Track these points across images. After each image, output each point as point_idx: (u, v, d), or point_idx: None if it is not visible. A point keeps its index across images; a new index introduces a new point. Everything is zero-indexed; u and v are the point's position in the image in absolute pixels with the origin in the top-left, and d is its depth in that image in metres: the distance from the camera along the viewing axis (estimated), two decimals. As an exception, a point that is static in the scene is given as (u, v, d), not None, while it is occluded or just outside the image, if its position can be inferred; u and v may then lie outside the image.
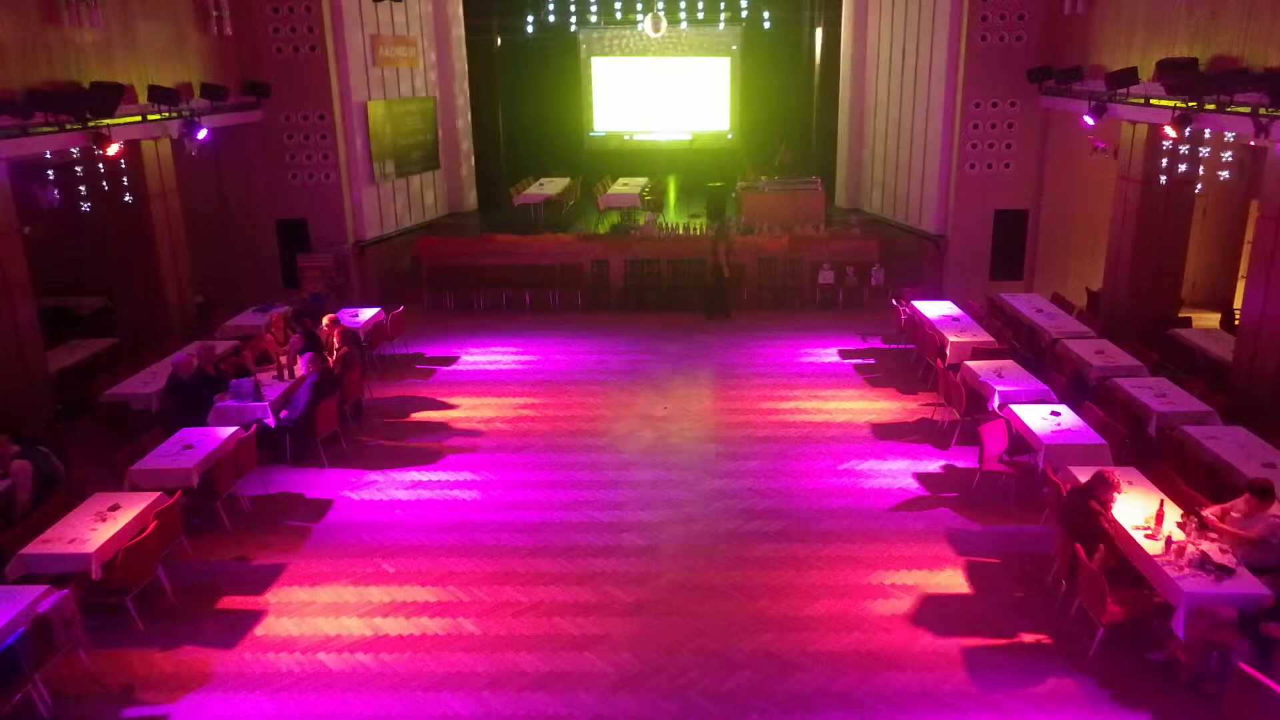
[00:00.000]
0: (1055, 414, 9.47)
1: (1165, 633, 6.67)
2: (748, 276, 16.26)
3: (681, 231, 16.74)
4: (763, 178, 19.29)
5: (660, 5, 19.62)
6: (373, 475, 10.08)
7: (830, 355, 13.80)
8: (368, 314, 13.60)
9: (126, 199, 12.10)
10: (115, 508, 7.84)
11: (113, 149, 11.05)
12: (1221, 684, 6.17)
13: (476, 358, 13.91)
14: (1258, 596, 6.41)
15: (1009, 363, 11.13)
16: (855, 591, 7.81)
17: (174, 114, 12.75)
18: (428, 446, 10.80)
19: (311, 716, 6.46)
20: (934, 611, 7.51)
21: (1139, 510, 7.47)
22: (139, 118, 12.13)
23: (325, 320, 12.17)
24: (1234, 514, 7.20)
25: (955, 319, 13.01)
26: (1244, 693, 5.61)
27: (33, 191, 12.31)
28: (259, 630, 7.40)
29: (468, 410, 11.87)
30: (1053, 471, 8.47)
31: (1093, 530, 7.13)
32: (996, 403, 10.17)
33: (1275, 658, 6.00)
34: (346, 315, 13.59)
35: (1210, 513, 7.23)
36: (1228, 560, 6.77)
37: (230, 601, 7.80)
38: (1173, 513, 7.39)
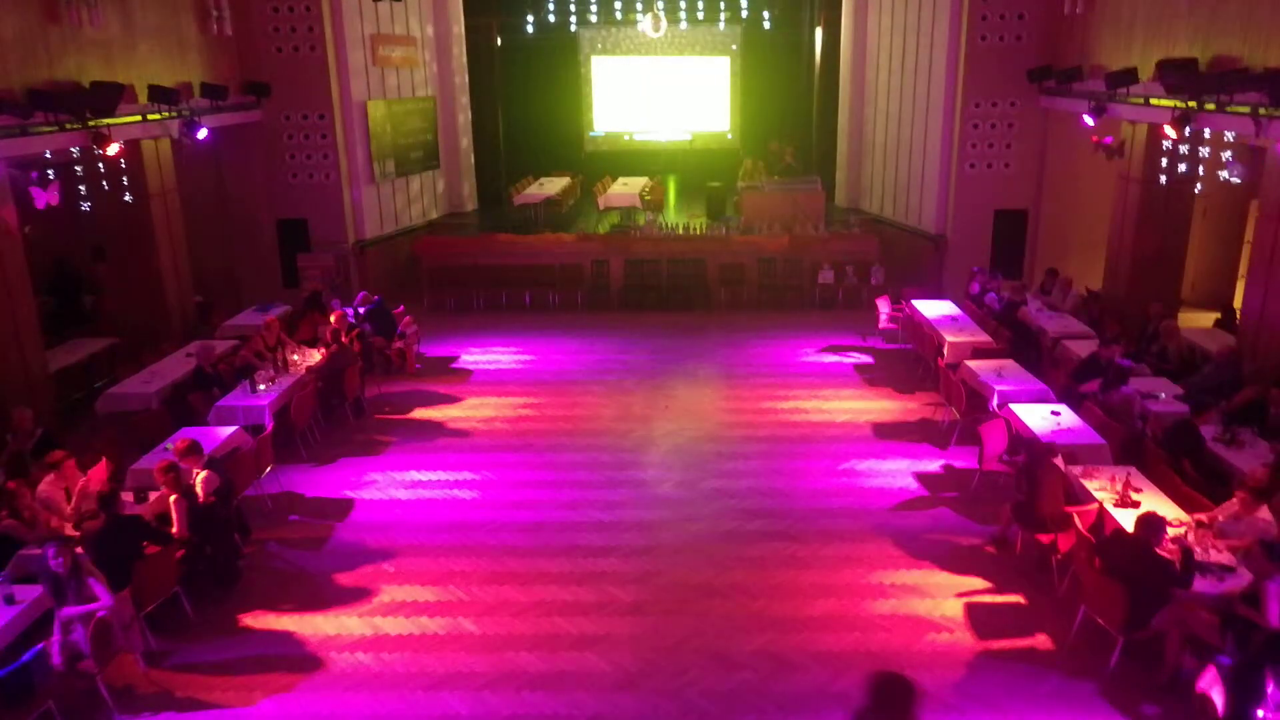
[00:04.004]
0: (1055, 413, 9.49)
1: (1161, 642, 6.63)
2: (748, 276, 16.29)
3: (681, 231, 16.74)
4: (763, 178, 19.28)
5: (660, 5, 19.61)
6: (373, 474, 10.08)
7: (830, 355, 13.80)
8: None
9: (126, 199, 12.11)
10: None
11: (113, 149, 11.05)
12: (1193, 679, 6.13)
13: (476, 357, 13.91)
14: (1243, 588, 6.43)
15: (1009, 362, 11.13)
16: (855, 591, 7.81)
17: (174, 114, 12.75)
18: (428, 446, 10.80)
19: (311, 716, 6.46)
20: (934, 611, 7.51)
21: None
22: (139, 117, 12.13)
23: (333, 316, 12.20)
24: (1221, 517, 7.20)
25: (954, 319, 13.02)
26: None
27: (32, 191, 12.32)
28: (258, 631, 7.40)
29: (468, 410, 11.87)
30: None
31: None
32: (996, 402, 10.18)
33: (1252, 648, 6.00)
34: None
35: (1202, 518, 7.23)
36: (1225, 559, 6.79)
37: (228, 603, 7.79)
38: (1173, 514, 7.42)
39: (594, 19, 22.29)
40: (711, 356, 13.77)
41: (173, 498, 7.58)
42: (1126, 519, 7.42)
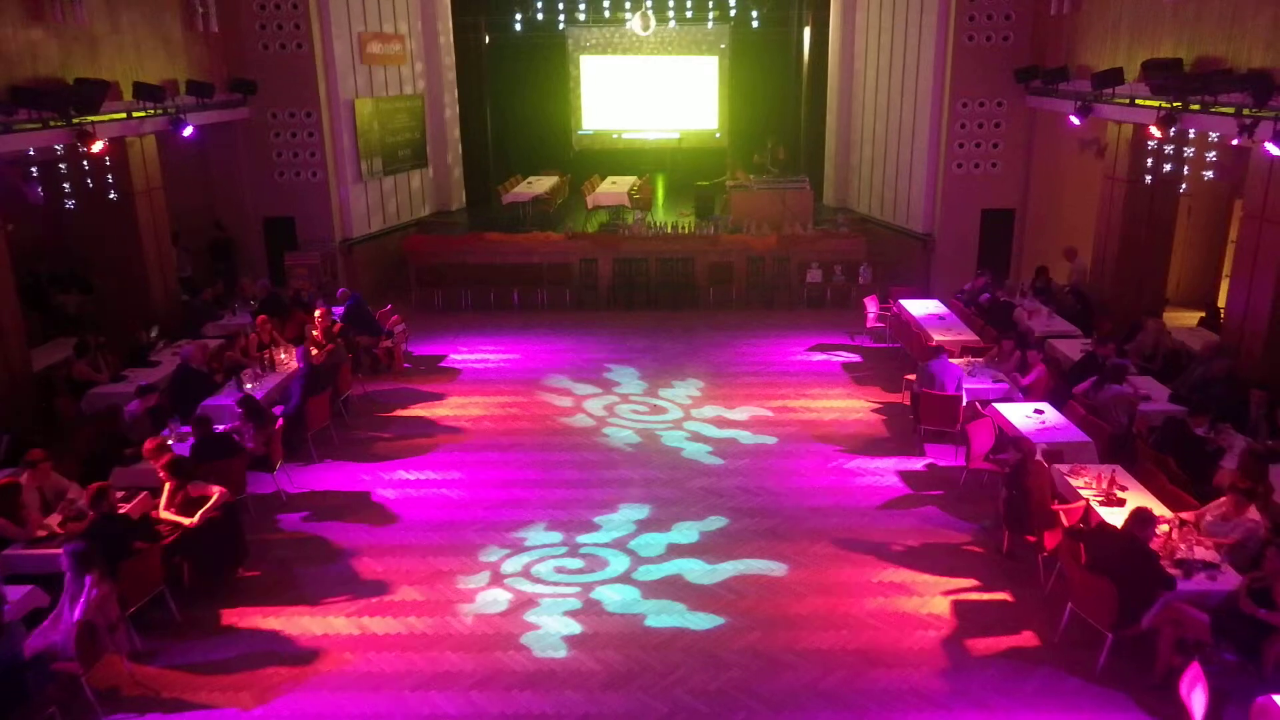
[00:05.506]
0: (1039, 411, 9.53)
1: (1152, 641, 6.64)
2: (736, 275, 16.31)
3: (670, 230, 16.74)
4: (751, 176, 19.29)
5: (648, 4, 19.59)
6: (361, 474, 10.05)
7: (818, 354, 13.83)
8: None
9: (111, 196, 12.02)
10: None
11: (97, 146, 10.98)
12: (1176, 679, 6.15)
13: (464, 356, 13.88)
14: (1236, 591, 6.47)
15: (979, 360, 11.14)
16: (843, 589, 7.83)
17: (159, 111, 12.67)
18: (416, 445, 10.77)
19: (298, 716, 6.44)
20: (921, 609, 7.54)
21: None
22: (124, 115, 12.06)
23: (318, 313, 12.18)
24: (1209, 516, 7.26)
25: (941, 317, 13.07)
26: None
27: (17, 188, 12.24)
28: (245, 631, 7.36)
29: (456, 409, 11.85)
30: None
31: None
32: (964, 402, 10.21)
33: (1263, 653, 6.03)
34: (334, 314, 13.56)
35: (1186, 517, 7.29)
36: (1211, 556, 6.84)
37: (215, 602, 7.75)
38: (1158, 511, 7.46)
39: (582, 18, 22.26)
40: (700, 356, 13.78)
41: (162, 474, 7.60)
42: (1113, 516, 7.47)
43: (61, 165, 11.35)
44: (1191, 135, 11.17)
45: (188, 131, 13.04)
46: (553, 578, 8.07)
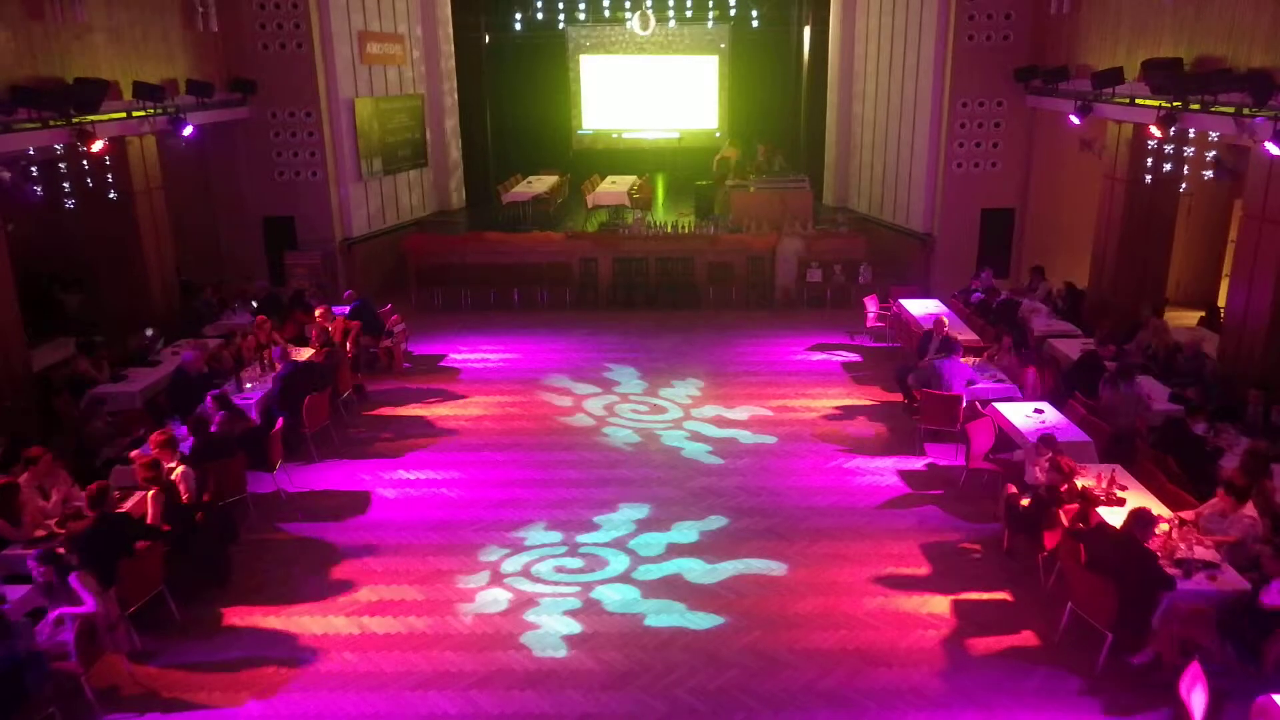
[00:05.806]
0: (1039, 411, 9.53)
1: (1145, 634, 6.67)
2: (736, 275, 16.31)
3: (670, 230, 16.74)
4: (751, 175, 19.27)
5: (648, 3, 19.59)
6: (361, 474, 10.05)
7: (818, 353, 13.83)
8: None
9: (111, 196, 12.02)
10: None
11: (97, 145, 10.98)
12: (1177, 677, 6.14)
13: (464, 355, 13.88)
14: (1241, 592, 6.47)
15: (978, 360, 11.13)
16: (842, 589, 7.83)
17: (159, 110, 12.68)
18: (415, 444, 10.77)
19: (298, 716, 6.44)
20: (921, 609, 7.54)
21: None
22: (124, 114, 12.06)
23: (318, 312, 12.17)
24: (1206, 513, 7.26)
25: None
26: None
27: (16, 187, 12.23)
28: (245, 630, 7.36)
29: (456, 408, 11.85)
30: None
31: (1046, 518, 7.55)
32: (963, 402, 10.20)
33: (1264, 653, 6.04)
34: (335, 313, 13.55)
35: (1186, 516, 7.30)
36: (1212, 556, 6.84)
37: (215, 602, 7.75)
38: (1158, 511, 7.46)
39: (582, 17, 22.26)
40: (699, 355, 13.78)
41: (151, 492, 7.56)
42: (1112, 516, 7.47)
43: (61, 165, 11.35)
44: (1191, 135, 11.16)
45: (188, 131, 13.04)
46: (552, 577, 8.07)
